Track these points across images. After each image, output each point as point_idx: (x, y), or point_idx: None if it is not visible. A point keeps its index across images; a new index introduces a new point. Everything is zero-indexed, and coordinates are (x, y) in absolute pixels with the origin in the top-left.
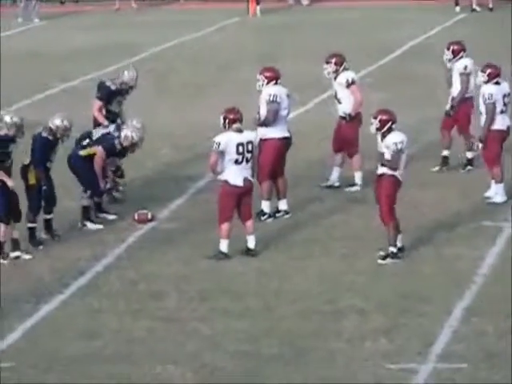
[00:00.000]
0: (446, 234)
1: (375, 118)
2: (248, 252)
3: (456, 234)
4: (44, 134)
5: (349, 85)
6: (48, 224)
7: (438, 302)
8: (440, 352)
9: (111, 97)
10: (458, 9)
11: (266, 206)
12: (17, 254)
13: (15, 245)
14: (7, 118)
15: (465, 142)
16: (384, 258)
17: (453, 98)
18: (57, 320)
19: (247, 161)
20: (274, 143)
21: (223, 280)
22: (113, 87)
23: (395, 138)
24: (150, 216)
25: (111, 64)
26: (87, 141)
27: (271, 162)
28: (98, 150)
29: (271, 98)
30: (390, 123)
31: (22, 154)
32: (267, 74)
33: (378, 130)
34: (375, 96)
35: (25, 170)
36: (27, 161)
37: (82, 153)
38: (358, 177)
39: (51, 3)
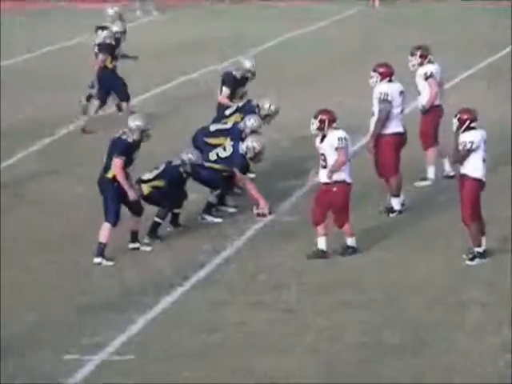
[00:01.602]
0: None
1: (455, 116)
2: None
3: None
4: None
5: (427, 78)
6: (175, 217)
7: None
8: None
9: (236, 85)
10: None
11: (395, 202)
12: (135, 245)
13: (134, 236)
14: (131, 123)
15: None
16: (472, 259)
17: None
18: (177, 313)
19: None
20: (388, 140)
21: (344, 272)
22: (238, 75)
23: (468, 137)
24: (268, 210)
25: (230, 57)
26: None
27: (392, 158)
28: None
29: (382, 97)
30: (468, 122)
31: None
32: (381, 70)
33: (457, 129)
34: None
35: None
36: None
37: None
38: (430, 171)
39: None
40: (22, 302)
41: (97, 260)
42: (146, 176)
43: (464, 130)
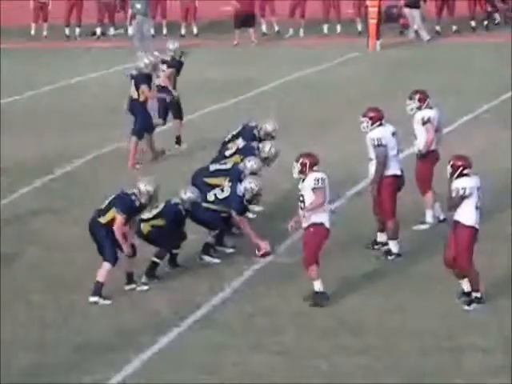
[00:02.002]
0: None
1: (449, 162)
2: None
3: None
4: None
5: (424, 123)
6: (174, 258)
7: None
8: None
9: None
10: None
11: (393, 245)
12: (131, 286)
13: (129, 278)
14: (142, 186)
15: None
16: (469, 303)
17: None
18: (174, 353)
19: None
20: (387, 181)
21: (343, 316)
22: (257, 134)
23: (461, 183)
24: (269, 248)
25: (230, 98)
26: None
27: (390, 200)
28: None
29: (376, 143)
30: (461, 168)
31: None
32: (371, 115)
33: (450, 175)
34: (494, 132)
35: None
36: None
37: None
38: (429, 215)
39: (170, 37)
40: (20, 339)
41: (93, 299)
42: (146, 215)
43: (457, 177)
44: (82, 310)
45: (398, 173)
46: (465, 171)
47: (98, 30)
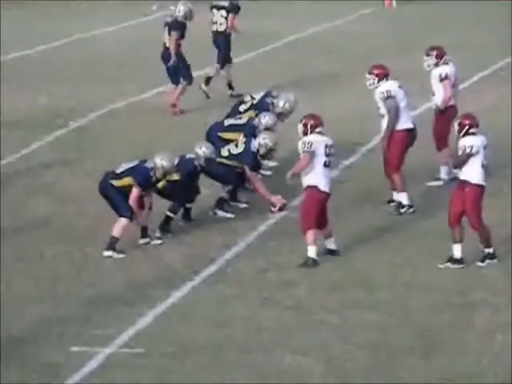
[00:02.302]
0: None
1: (456, 121)
2: (333, 253)
3: None
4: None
5: (442, 79)
6: (188, 212)
7: None
8: None
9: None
10: None
11: (403, 197)
12: (145, 240)
13: (144, 232)
14: (157, 160)
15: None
16: (482, 260)
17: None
18: (187, 307)
19: (329, 165)
20: (399, 135)
21: (354, 271)
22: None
23: (467, 141)
24: (282, 203)
25: (244, 53)
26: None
27: (399, 155)
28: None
29: (385, 95)
30: (467, 127)
31: None
32: (377, 72)
33: (458, 132)
34: (507, 89)
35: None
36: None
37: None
38: (443, 171)
39: None
40: (33, 292)
41: (107, 253)
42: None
43: (464, 135)
44: (95, 263)
45: (411, 126)
46: (471, 130)
47: None
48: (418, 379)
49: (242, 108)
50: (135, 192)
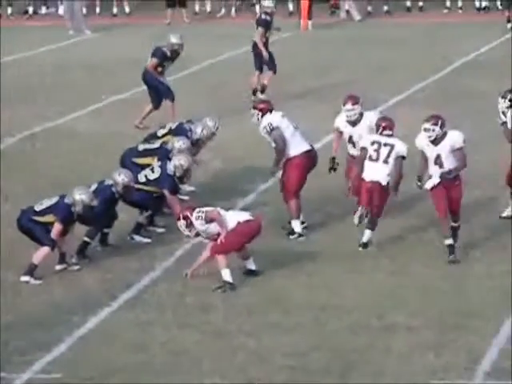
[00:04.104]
0: (498, 251)
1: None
2: (253, 273)
3: (508, 251)
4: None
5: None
6: (105, 237)
7: (487, 318)
8: (488, 369)
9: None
10: (509, 25)
11: (296, 224)
12: (62, 266)
13: (61, 257)
14: (76, 196)
15: None
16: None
17: None
18: (105, 332)
19: None
20: (296, 160)
21: (271, 294)
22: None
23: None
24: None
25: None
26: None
27: (297, 180)
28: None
29: (268, 128)
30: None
31: None
32: (260, 107)
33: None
34: (423, 112)
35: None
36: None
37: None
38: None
39: (103, 15)
40: None
41: (25, 278)
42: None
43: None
44: (11, 288)
45: (307, 148)
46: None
47: (30, 9)
48: None
49: (159, 133)
50: (57, 228)
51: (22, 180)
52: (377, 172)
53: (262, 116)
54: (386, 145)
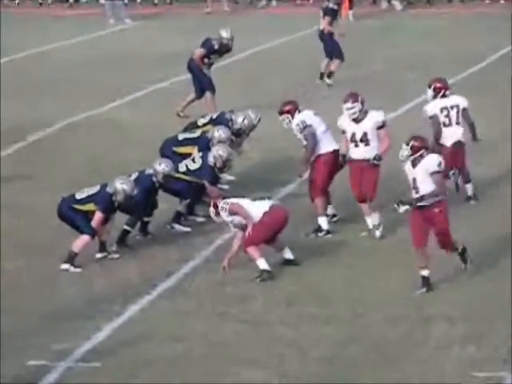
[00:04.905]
0: None
1: (407, 144)
2: (291, 262)
3: None
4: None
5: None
6: (145, 226)
7: None
8: None
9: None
10: None
11: (323, 221)
12: (103, 254)
13: (101, 246)
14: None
15: None
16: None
17: None
18: (144, 321)
19: None
20: (324, 158)
21: (310, 285)
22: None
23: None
24: None
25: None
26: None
27: (324, 177)
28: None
29: (301, 126)
30: (422, 150)
31: None
32: (287, 108)
33: (410, 156)
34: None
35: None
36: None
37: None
38: None
39: (143, 4)
40: None
41: (64, 266)
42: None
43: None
44: (53, 277)
45: (335, 147)
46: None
47: None
48: None
49: (200, 122)
50: (98, 216)
51: (62, 169)
52: (454, 134)
53: (291, 118)
54: (452, 107)
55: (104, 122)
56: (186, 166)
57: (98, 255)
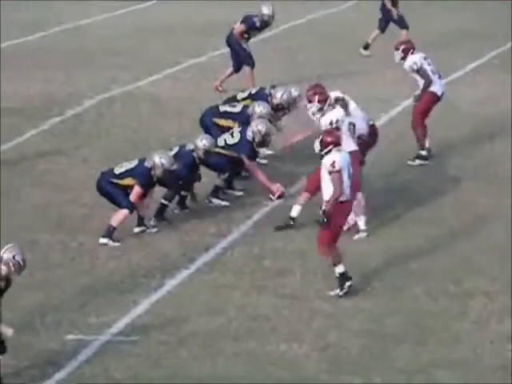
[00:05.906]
0: None
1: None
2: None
3: None
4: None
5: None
6: (183, 200)
7: None
8: None
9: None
10: None
11: (423, 151)
12: (141, 228)
13: (140, 220)
14: (156, 159)
15: None
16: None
17: None
18: (182, 295)
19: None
20: (426, 95)
21: (349, 258)
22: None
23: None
24: (281, 192)
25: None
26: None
27: (423, 112)
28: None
29: (415, 67)
30: (331, 146)
31: None
32: (404, 47)
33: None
34: (501, 77)
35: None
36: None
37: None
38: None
39: None
40: (28, 280)
41: (103, 241)
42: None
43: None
44: (89, 251)
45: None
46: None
47: None
48: (411, 366)
49: (239, 96)
50: (137, 191)
51: (101, 144)
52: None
53: (404, 56)
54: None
55: (142, 95)
56: (225, 140)
57: (136, 229)
